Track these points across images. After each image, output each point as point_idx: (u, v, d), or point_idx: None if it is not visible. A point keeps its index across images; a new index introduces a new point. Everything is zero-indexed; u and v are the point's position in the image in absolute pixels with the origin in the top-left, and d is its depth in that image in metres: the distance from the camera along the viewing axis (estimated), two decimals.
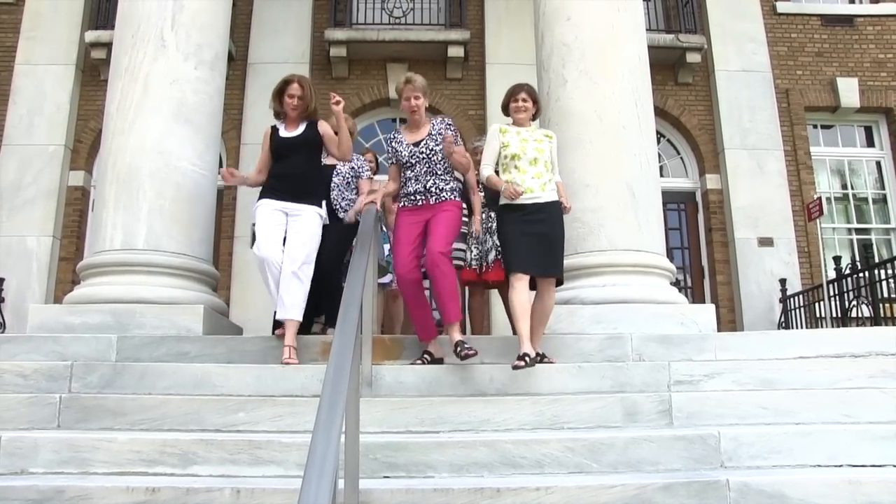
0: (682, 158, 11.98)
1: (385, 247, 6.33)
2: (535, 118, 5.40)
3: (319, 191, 5.66)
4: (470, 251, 6.24)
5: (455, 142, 5.20)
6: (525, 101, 5.25)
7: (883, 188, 12.01)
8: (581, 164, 6.09)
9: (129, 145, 6.14)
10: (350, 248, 5.98)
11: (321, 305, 5.95)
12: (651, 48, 7.03)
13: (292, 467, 3.70)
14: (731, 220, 11.15)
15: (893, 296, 8.49)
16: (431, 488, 3.38)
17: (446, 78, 11.55)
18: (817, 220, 10.42)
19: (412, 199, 5.24)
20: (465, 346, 4.73)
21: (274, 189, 5.44)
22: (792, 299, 10.47)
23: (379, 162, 7.69)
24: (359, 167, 6.31)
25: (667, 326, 5.68)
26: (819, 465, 3.93)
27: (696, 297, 11.10)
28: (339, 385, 2.55)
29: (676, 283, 6.47)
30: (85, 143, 11.15)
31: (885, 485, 3.55)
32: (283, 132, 5.60)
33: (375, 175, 6.98)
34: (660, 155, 8.45)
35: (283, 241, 5.31)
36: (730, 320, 10.79)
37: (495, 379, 4.81)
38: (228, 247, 10.69)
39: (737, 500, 3.46)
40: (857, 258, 9.97)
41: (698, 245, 11.59)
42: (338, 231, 5.91)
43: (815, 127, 12.09)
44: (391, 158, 5.46)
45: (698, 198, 11.75)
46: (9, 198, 10.64)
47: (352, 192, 6.24)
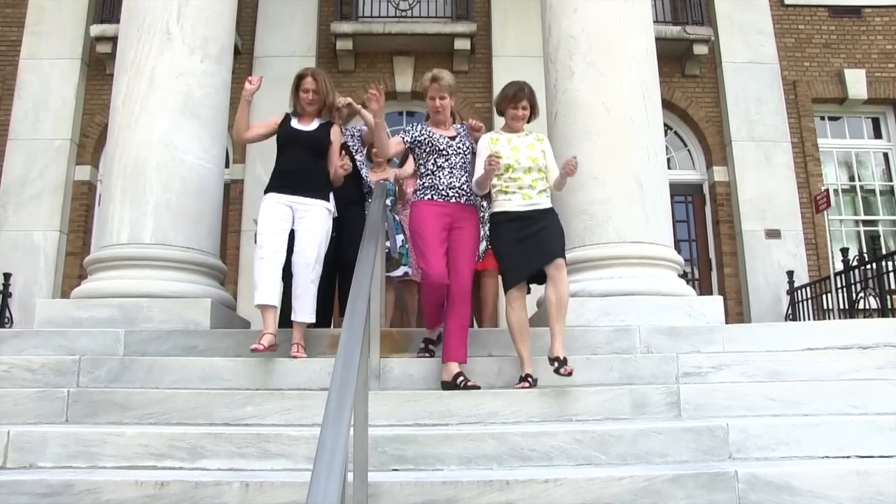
0: (689, 150, 11.97)
1: (398, 238, 6.23)
2: (529, 121, 5.14)
3: (326, 183, 5.35)
4: None
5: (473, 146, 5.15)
6: (525, 108, 5.00)
7: (890, 180, 12.00)
8: (588, 156, 6.06)
9: (135, 139, 6.14)
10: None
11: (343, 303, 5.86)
12: (658, 40, 7.00)
13: (301, 461, 3.69)
14: (739, 213, 11.14)
15: None
16: (440, 481, 3.37)
17: (453, 71, 11.42)
18: (825, 212, 10.41)
19: (442, 193, 4.96)
20: (466, 377, 4.60)
21: (279, 185, 5.21)
22: (799, 291, 10.46)
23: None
24: (358, 130, 6.29)
25: (675, 318, 5.66)
26: (827, 457, 3.92)
27: (704, 290, 11.10)
28: (347, 378, 2.55)
29: (684, 276, 6.45)
30: (91, 138, 11.19)
31: (893, 475, 3.53)
32: (296, 123, 5.37)
33: (389, 161, 6.87)
34: (667, 147, 8.40)
35: (287, 235, 5.11)
36: (737, 312, 10.79)
37: (503, 371, 4.82)
38: (235, 241, 10.71)
39: (745, 491, 3.46)
40: (865, 250, 9.96)
41: (706, 237, 11.59)
42: (362, 219, 5.67)
43: (822, 119, 12.08)
44: (413, 143, 5.13)
45: (706, 190, 11.75)
46: (15, 193, 10.69)
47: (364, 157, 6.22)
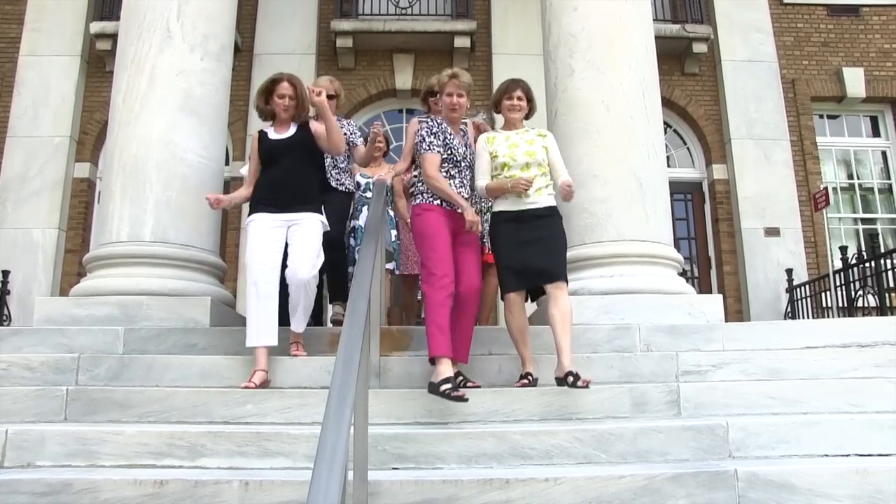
0: (688, 149, 11.97)
1: (392, 232, 6.26)
2: (528, 117, 4.98)
3: (317, 195, 5.12)
4: None
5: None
6: (521, 99, 4.84)
7: (889, 178, 12.00)
8: (589, 154, 6.07)
9: (135, 137, 6.14)
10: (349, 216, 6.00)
11: (330, 283, 5.86)
12: (658, 38, 7.00)
13: (301, 459, 3.69)
14: (738, 211, 11.14)
15: None
16: (440, 480, 3.37)
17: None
18: (823, 210, 10.41)
19: (451, 203, 4.66)
20: (467, 379, 4.63)
21: (269, 200, 4.92)
22: (798, 289, 10.46)
23: (389, 139, 7.56)
24: (350, 133, 5.98)
25: (674, 317, 5.67)
26: (827, 455, 3.93)
27: (703, 288, 11.11)
28: (348, 377, 2.55)
29: (683, 274, 6.46)
30: (90, 135, 11.17)
31: (892, 474, 3.54)
32: (274, 134, 5.11)
33: (385, 155, 6.88)
34: (666, 145, 8.41)
35: (280, 259, 4.85)
36: (737, 310, 10.79)
37: (503, 370, 4.83)
38: (235, 238, 10.70)
39: (745, 490, 3.46)
40: (864, 248, 9.96)
41: (705, 235, 11.59)
42: (338, 204, 5.73)
43: (821, 117, 12.07)
44: (435, 144, 4.70)
45: (705, 188, 11.74)
46: (14, 190, 10.66)
47: (345, 161, 6.04)
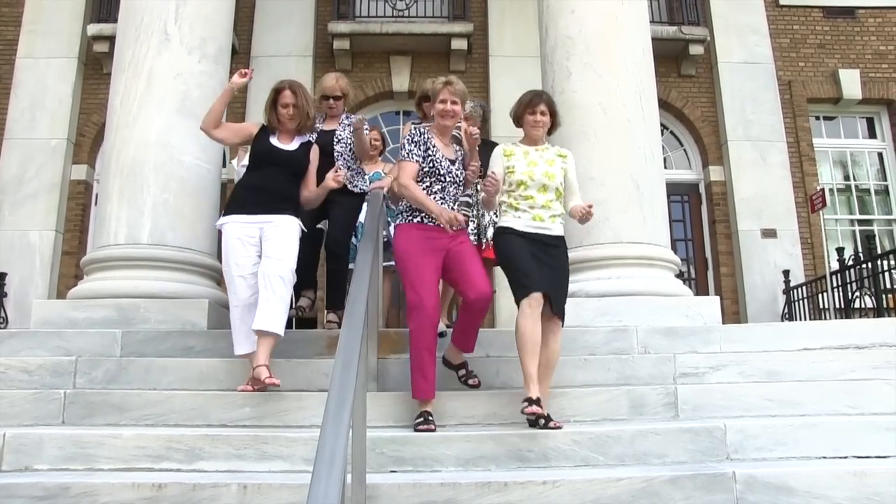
0: (685, 150, 11.98)
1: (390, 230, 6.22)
2: (550, 133, 4.58)
3: (296, 204, 4.85)
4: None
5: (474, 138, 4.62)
6: (543, 114, 4.37)
7: (885, 179, 12.02)
8: (586, 156, 6.07)
9: (132, 139, 6.13)
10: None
11: (329, 290, 5.66)
12: (654, 40, 7.00)
13: (299, 462, 3.70)
14: (735, 212, 11.15)
15: None
16: (438, 482, 3.38)
17: (450, 70, 11.50)
18: (820, 212, 10.42)
19: (432, 218, 4.36)
20: (472, 373, 4.63)
21: (245, 202, 4.71)
22: (795, 291, 10.48)
23: (386, 139, 7.32)
24: (348, 117, 5.82)
25: (672, 319, 5.67)
26: (824, 457, 3.94)
27: (701, 289, 11.12)
28: (346, 380, 2.55)
29: (681, 275, 6.46)
30: (87, 137, 11.16)
31: (890, 476, 3.55)
32: (275, 140, 4.91)
33: (381, 154, 6.66)
34: (663, 147, 8.43)
35: (256, 259, 4.61)
36: (734, 312, 10.79)
37: (501, 372, 4.82)
38: None
39: (743, 492, 3.47)
40: (860, 249, 9.97)
41: (702, 237, 11.60)
42: (345, 205, 5.51)
43: (817, 118, 12.09)
44: (415, 153, 4.45)
45: (702, 189, 11.75)
46: (11, 192, 10.65)
47: (355, 161, 5.78)
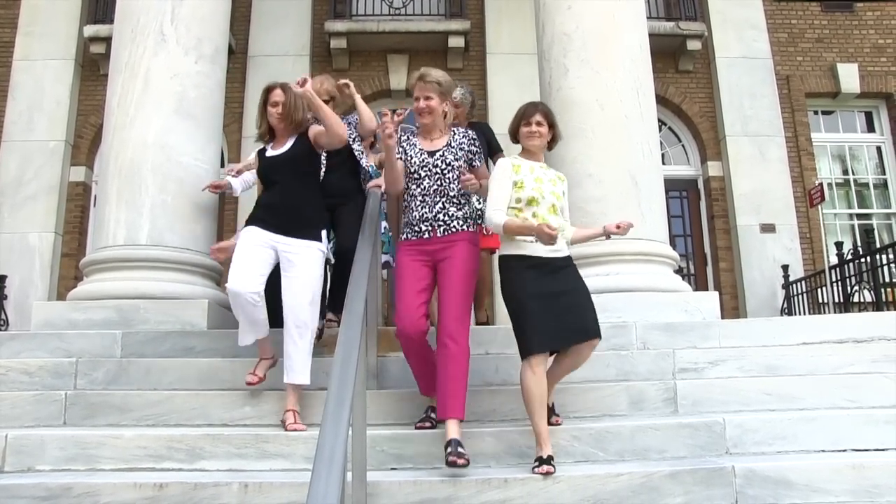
0: (683, 146, 11.98)
1: (383, 224, 6.13)
2: (550, 148, 4.35)
3: (318, 219, 4.61)
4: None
5: (476, 158, 4.33)
6: (540, 124, 4.13)
7: (884, 173, 12.02)
8: (584, 153, 6.07)
9: (130, 140, 6.12)
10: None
11: (334, 291, 5.40)
12: (652, 36, 6.99)
13: (299, 461, 3.71)
14: (734, 207, 11.15)
15: (895, 280, 8.50)
16: (439, 480, 3.39)
17: (447, 68, 11.46)
18: (819, 206, 10.41)
19: (415, 229, 4.15)
20: (459, 448, 3.54)
21: (262, 219, 4.52)
22: (794, 285, 10.49)
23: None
24: (354, 118, 5.58)
25: (671, 314, 5.67)
26: (823, 451, 3.95)
27: (699, 285, 11.11)
28: (346, 379, 2.56)
29: (679, 271, 6.46)
30: (85, 139, 11.16)
31: (889, 469, 3.57)
32: (270, 151, 4.72)
33: (372, 147, 6.42)
34: (661, 143, 8.44)
35: (265, 273, 4.39)
36: (733, 307, 10.80)
37: (500, 369, 4.83)
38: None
39: (742, 486, 3.48)
40: (859, 243, 9.98)
41: (701, 232, 11.59)
42: (360, 207, 5.00)
43: (815, 113, 12.09)
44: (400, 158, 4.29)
45: (700, 185, 11.75)
46: (10, 194, 10.65)
47: (361, 146, 5.58)
